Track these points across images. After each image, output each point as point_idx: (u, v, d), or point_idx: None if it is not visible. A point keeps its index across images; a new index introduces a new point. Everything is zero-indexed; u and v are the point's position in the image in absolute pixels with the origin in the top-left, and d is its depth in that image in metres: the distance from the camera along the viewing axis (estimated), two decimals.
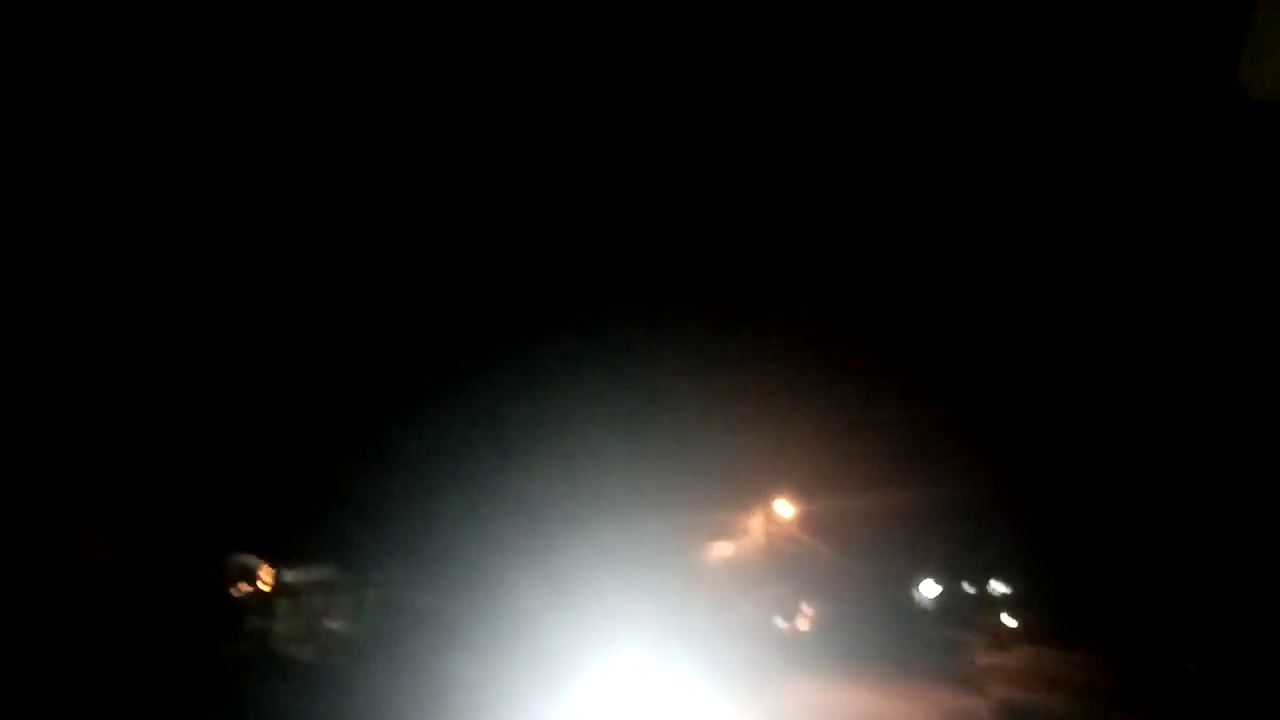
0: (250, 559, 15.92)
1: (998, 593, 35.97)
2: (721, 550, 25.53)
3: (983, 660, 29.48)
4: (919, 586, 37.57)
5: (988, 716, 24.12)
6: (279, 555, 16.27)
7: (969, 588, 37.22)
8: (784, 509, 26.10)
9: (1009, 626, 33.05)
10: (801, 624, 31.97)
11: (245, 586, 15.67)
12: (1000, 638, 31.94)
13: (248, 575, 15.81)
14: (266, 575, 16.04)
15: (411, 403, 17.66)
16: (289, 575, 16.71)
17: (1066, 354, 22.81)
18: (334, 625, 17.38)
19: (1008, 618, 33.57)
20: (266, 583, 16.04)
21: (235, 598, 15.15)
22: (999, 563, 33.22)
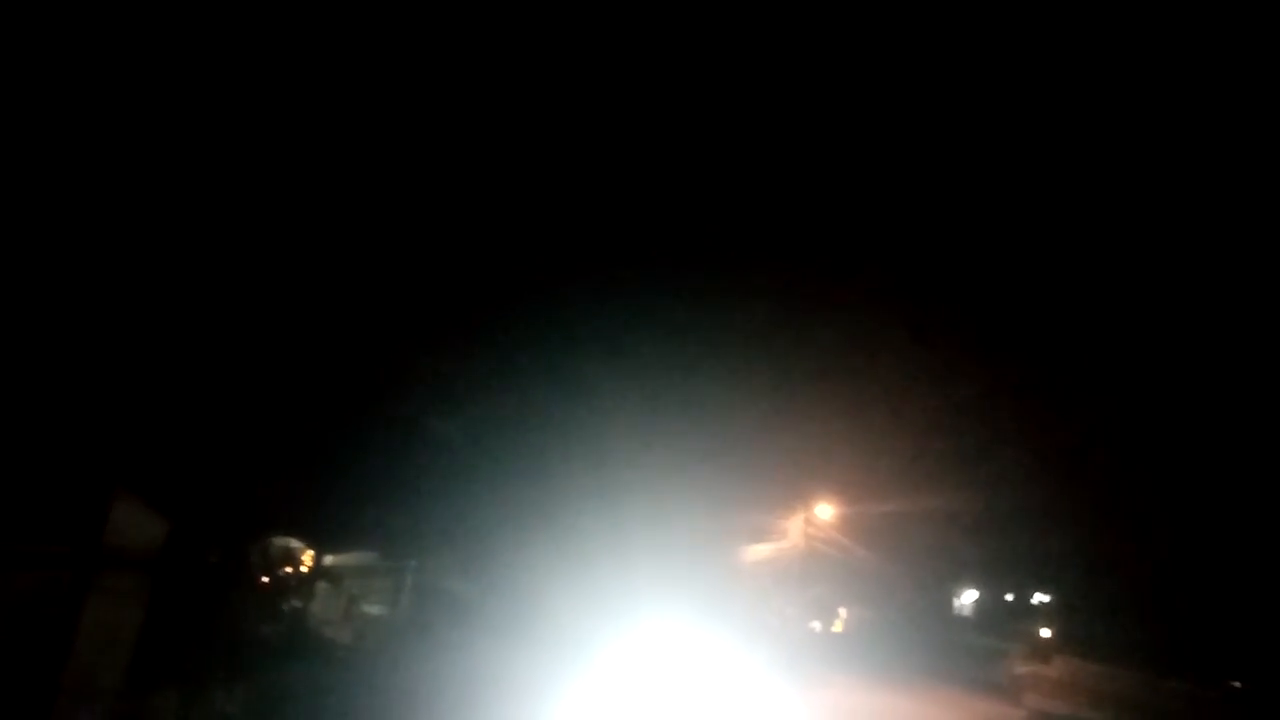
0: (292, 542, 16.17)
1: (1038, 602, 35.42)
2: (760, 551, 25.45)
3: (1020, 670, 29.06)
4: (958, 593, 37.17)
5: None
6: (320, 540, 16.50)
7: (1008, 596, 36.73)
8: (824, 512, 25.95)
9: (1046, 637, 32.52)
10: (837, 627, 31.80)
11: (287, 569, 15.91)
12: (1039, 648, 31.43)
13: (290, 558, 16.05)
14: (307, 559, 16.29)
15: (452, 394, 17.79)
16: (329, 559, 16.97)
17: (1111, 361, 22.38)
18: (371, 609, 17.65)
19: (1045, 630, 33.04)
20: (307, 566, 16.28)
21: (277, 579, 15.40)
22: (1041, 572, 32.68)
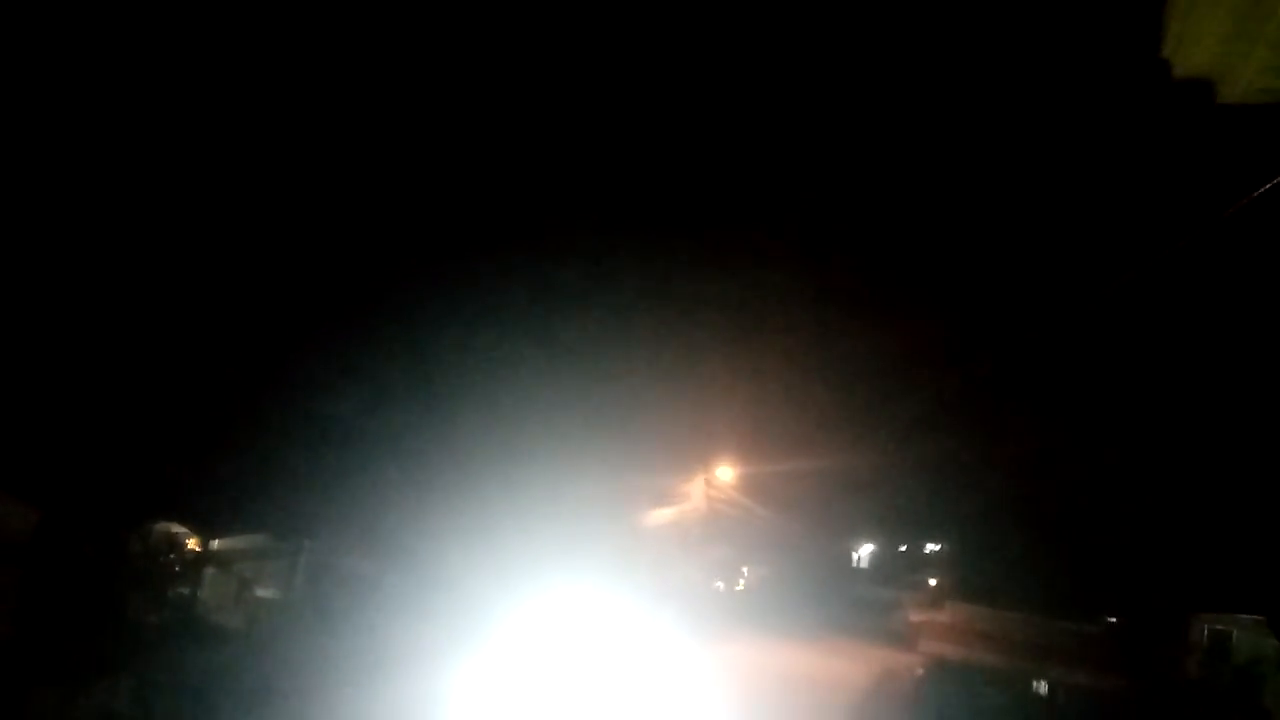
0: (175, 528, 15.57)
1: (929, 552, 36.81)
2: (663, 515, 25.67)
3: (916, 618, 30.14)
4: (855, 547, 38.36)
5: (921, 673, 24.69)
6: (206, 524, 15.93)
7: (902, 548, 38.10)
8: (724, 474, 26.31)
9: (933, 585, 33.86)
10: (740, 586, 32.42)
11: (171, 555, 15.32)
12: (933, 595, 32.69)
13: (173, 544, 15.45)
14: (192, 544, 15.72)
15: (344, 369, 17.29)
16: (217, 543, 16.40)
17: (993, 310, 23.13)
18: (264, 592, 17.11)
19: (932, 579, 34.40)
20: (193, 551, 15.71)
21: (158, 566, 14.79)
22: (931, 522, 33.90)
